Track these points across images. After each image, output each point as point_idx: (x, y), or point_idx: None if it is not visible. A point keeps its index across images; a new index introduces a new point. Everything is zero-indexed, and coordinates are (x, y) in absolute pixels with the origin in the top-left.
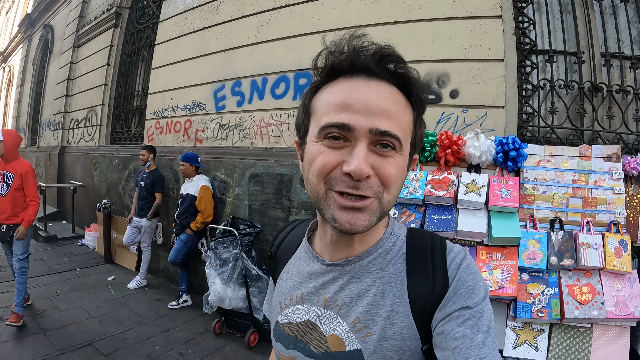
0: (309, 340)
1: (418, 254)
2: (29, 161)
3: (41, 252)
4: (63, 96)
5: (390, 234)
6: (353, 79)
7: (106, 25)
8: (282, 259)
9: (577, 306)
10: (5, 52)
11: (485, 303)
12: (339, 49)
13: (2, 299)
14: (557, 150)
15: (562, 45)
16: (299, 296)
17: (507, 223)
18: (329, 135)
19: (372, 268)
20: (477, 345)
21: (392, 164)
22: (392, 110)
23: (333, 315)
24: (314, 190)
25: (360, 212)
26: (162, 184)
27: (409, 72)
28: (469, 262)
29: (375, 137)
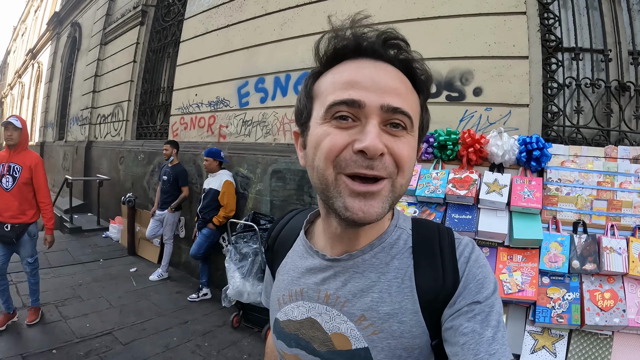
0: (311, 338)
1: (426, 248)
2: (56, 155)
3: (66, 243)
4: (90, 92)
5: (395, 227)
6: (358, 61)
7: (132, 23)
8: (279, 252)
9: (598, 312)
10: (35, 49)
11: (495, 297)
12: (342, 33)
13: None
14: (582, 151)
15: (588, 42)
16: (298, 292)
17: (529, 224)
18: (337, 114)
19: (375, 263)
20: (487, 341)
21: (405, 144)
22: (401, 88)
23: (336, 313)
24: (321, 176)
25: (373, 198)
26: (186, 178)
27: (414, 57)
28: (478, 254)
29: (387, 114)
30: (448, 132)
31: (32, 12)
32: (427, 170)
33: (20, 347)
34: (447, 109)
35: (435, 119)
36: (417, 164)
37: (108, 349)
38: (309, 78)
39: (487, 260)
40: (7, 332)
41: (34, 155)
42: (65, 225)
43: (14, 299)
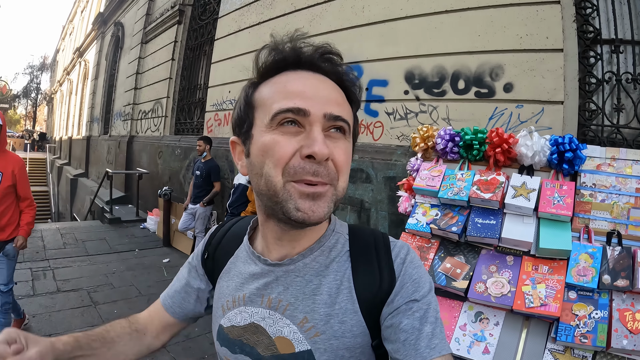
0: (255, 343)
1: (362, 251)
2: (101, 149)
3: (105, 232)
4: (132, 89)
5: (332, 231)
6: (298, 72)
7: (170, 22)
8: (220, 259)
9: (627, 335)
10: (81, 47)
11: (431, 295)
12: (282, 46)
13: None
14: (621, 153)
15: (629, 33)
16: (241, 298)
17: (558, 233)
18: (284, 121)
19: (315, 266)
20: (427, 336)
21: (343, 149)
22: (339, 98)
23: (279, 317)
24: (270, 183)
25: (320, 199)
26: (218, 174)
27: (346, 70)
28: (413, 256)
29: (329, 122)
30: (475, 130)
31: (79, 12)
32: (452, 171)
33: (49, 328)
34: (476, 106)
35: (464, 117)
36: (443, 164)
37: None
38: (249, 87)
39: (421, 261)
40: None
41: (15, 158)
42: (105, 215)
43: (49, 283)
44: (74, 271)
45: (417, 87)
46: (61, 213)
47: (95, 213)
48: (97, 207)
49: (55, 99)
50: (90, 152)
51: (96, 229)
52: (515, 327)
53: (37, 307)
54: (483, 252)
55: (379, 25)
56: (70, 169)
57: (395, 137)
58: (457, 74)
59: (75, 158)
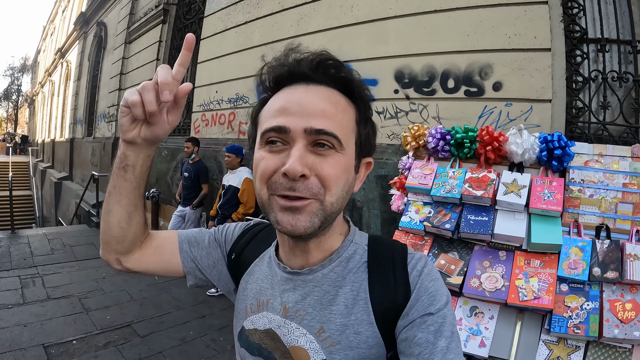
0: (273, 349)
1: (379, 263)
2: (85, 151)
3: (92, 236)
4: (116, 90)
5: (351, 242)
6: (293, 87)
7: (155, 21)
8: (246, 261)
9: (618, 324)
10: (63, 48)
11: (447, 309)
12: (279, 62)
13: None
14: (608, 150)
15: (615, 33)
16: (264, 303)
17: (549, 228)
18: (269, 139)
19: (333, 277)
20: (441, 351)
21: (331, 164)
22: (329, 110)
23: (295, 326)
24: (259, 195)
25: (300, 213)
26: (207, 175)
27: (346, 74)
28: (430, 268)
29: (312, 136)
30: (465, 129)
31: (60, 12)
32: (444, 169)
33: (42, 337)
34: (465, 105)
35: (454, 115)
36: (434, 162)
37: (126, 340)
38: (256, 106)
39: (439, 274)
40: (29, 322)
41: None
42: (92, 219)
43: (38, 291)
44: (64, 277)
45: (407, 86)
46: (46, 217)
47: (81, 217)
48: (83, 211)
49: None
50: (74, 155)
51: (84, 233)
52: (509, 320)
53: (29, 315)
54: (476, 248)
55: (369, 24)
56: (54, 172)
57: (385, 136)
58: (446, 73)
59: (59, 161)
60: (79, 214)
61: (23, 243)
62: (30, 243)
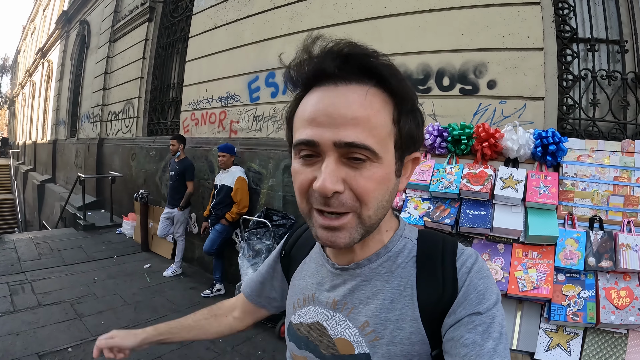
0: (318, 342)
1: (428, 258)
2: (69, 153)
3: (80, 240)
4: (101, 89)
5: (400, 237)
6: (321, 88)
7: (141, 19)
8: (296, 259)
9: (614, 311)
10: (44, 48)
11: (497, 308)
12: (302, 58)
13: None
14: (599, 145)
15: (604, 33)
16: (311, 297)
17: (545, 221)
18: (301, 153)
19: (382, 271)
20: (488, 353)
21: (366, 177)
22: (360, 116)
23: (342, 318)
24: (300, 207)
25: (339, 230)
26: (192, 173)
27: (381, 64)
28: (480, 265)
29: (342, 149)
30: (462, 126)
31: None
32: (441, 165)
33: (36, 345)
34: (460, 103)
35: (449, 113)
36: (431, 159)
37: None
38: (290, 106)
39: (490, 272)
40: (22, 331)
41: None
42: (78, 222)
43: (28, 298)
44: (54, 283)
45: None
46: (29, 221)
47: (67, 220)
48: (69, 214)
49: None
50: (57, 157)
51: (70, 236)
52: (509, 310)
53: (20, 323)
54: (475, 241)
55: (363, 23)
56: (36, 175)
57: None
58: (441, 71)
59: (41, 163)
60: (64, 217)
61: (9, 248)
62: (16, 248)
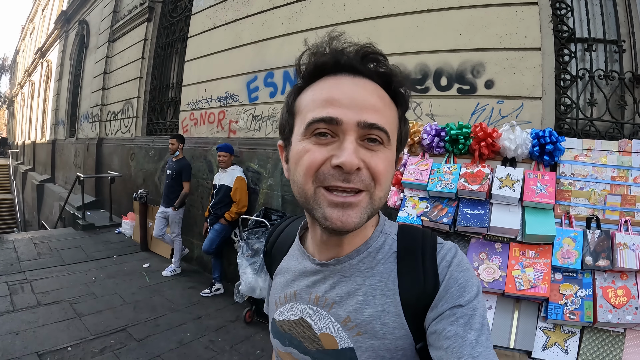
0: (302, 337)
1: (409, 253)
2: (68, 153)
3: (79, 239)
4: (100, 89)
5: (380, 232)
6: (337, 77)
7: (140, 19)
8: (276, 257)
9: (611, 309)
10: (43, 48)
11: (478, 300)
12: (321, 49)
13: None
14: (596, 145)
15: (601, 33)
16: (292, 294)
17: (542, 220)
18: (316, 131)
19: (362, 267)
20: (470, 344)
21: (382, 158)
22: (378, 104)
23: (324, 314)
24: (301, 190)
25: (351, 208)
26: (189, 173)
27: (392, 70)
28: (460, 259)
29: (364, 130)
30: (460, 125)
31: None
32: (439, 165)
33: (36, 345)
34: (458, 102)
35: (447, 112)
36: (429, 158)
37: (122, 345)
38: (291, 94)
39: (470, 265)
40: (21, 330)
41: None
42: (78, 222)
43: (28, 297)
44: (53, 282)
45: None
46: (28, 221)
47: (66, 220)
48: (68, 214)
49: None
50: (56, 157)
51: (70, 236)
52: (507, 309)
53: (20, 323)
54: (472, 240)
55: (361, 23)
56: (35, 175)
57: None
58: (439, 71)
59: (40, 163)
60: (63, 217)
61: (8, 248)
62: (16, 248)
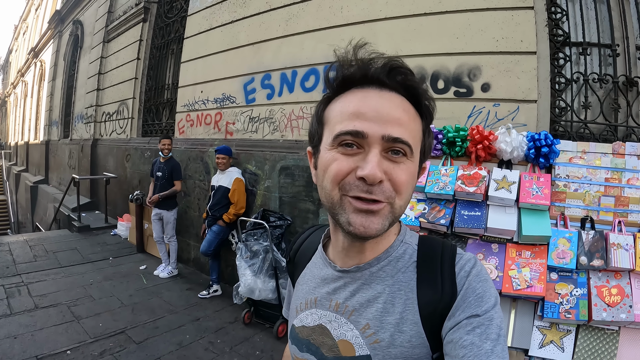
0: (320, 344)
1: (428, 263)
2: (62, 154)
3: (75, 241)
4: (94, 90)
5: (401, 242)
6: (365, 90)
7: (135, 20)
8: (299, 264)
9: (605, 308)
10: (37, 48)
11: (495, 311)
12: (348, 61)
13: None
14: (590, 147)
15: (596, 37)
16: (313, 300)
17: (538, 221)
18: (343, 142)
19: (382, 275)
20: (485, 354)
21: (404, 170)
22: (403, 118)
23: (344, 321)
24: (328, 196)
25: (373, 215)
26: (180, 172)
27: (417, 84)
28: (479, 269)
29: (388, 143)
30: (457, 128)
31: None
32: (436, 167)
33: (34, 349)
34: (455, 105)
35: (444, 115)
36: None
37: (122, 348)
38: (320, 104)
39: (489, 275)
40: (19, 334)
41: None
42: (73, 224)
43: (25, 300)
44: (50, 285)
45: None
46: (21, 223)
47: (61, 221)
48: (63, 215)
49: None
50: (49, 158)
51: (65, 238)
52: (504, 308)
53: (18, 327)
54: (470, 241)
55: (359, 25)
56: (28, 176)
57: None
58: (436, 74)
59: (34, 164)
60: (58, 219)
61: (4, 250)
62: (11, 250)
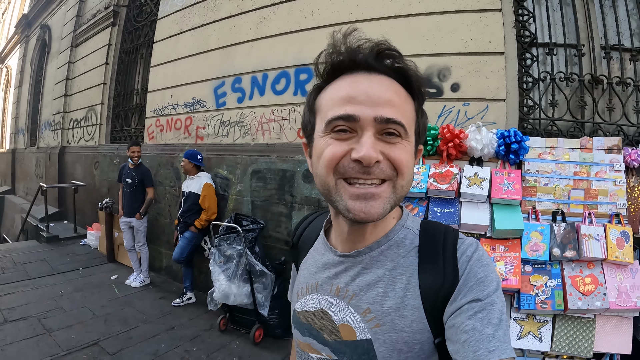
0: (322, 328)
1: (430, 248)
2: (29, 163)
3: (44, 252)
4: (62, 96)
5: (402, 227)
6: (354, 75)
7: (104, 24)
8: (303, 249)
9: (580, 297)
10: (3, 53)
11: (497, 295)
12: (337, 49)
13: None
14: (559, 143)
15: (562, 37)
16: (314, 285)
17: (510, 215)
18: (336, 128)
19: (383, 259)
20: (487, 338)
21: (401, 149)
22: (394, 99)
23: (344, 305)
24: (324, 182)
25: (374, 199)
26: (151, 178)
27: (407, 65)
28: (481, 254)
29: (381, 125)
30: (427, 127)
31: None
32: None
33: None
34: (425, 105)
35: None
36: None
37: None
38: (311, 93)
39: (490, 260)
40: None
41: None
42: (41, 234)
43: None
44: (19, 298)
45: None
46: None
47: (28, 232)
48: (30, 226)
49: None
50: (16, 167)
51: (34, 249)
52: None
53: None
54: None
55: (330, 28)
56: None
57: None
58: None
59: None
60: (25, 230)
61: None
62: None
